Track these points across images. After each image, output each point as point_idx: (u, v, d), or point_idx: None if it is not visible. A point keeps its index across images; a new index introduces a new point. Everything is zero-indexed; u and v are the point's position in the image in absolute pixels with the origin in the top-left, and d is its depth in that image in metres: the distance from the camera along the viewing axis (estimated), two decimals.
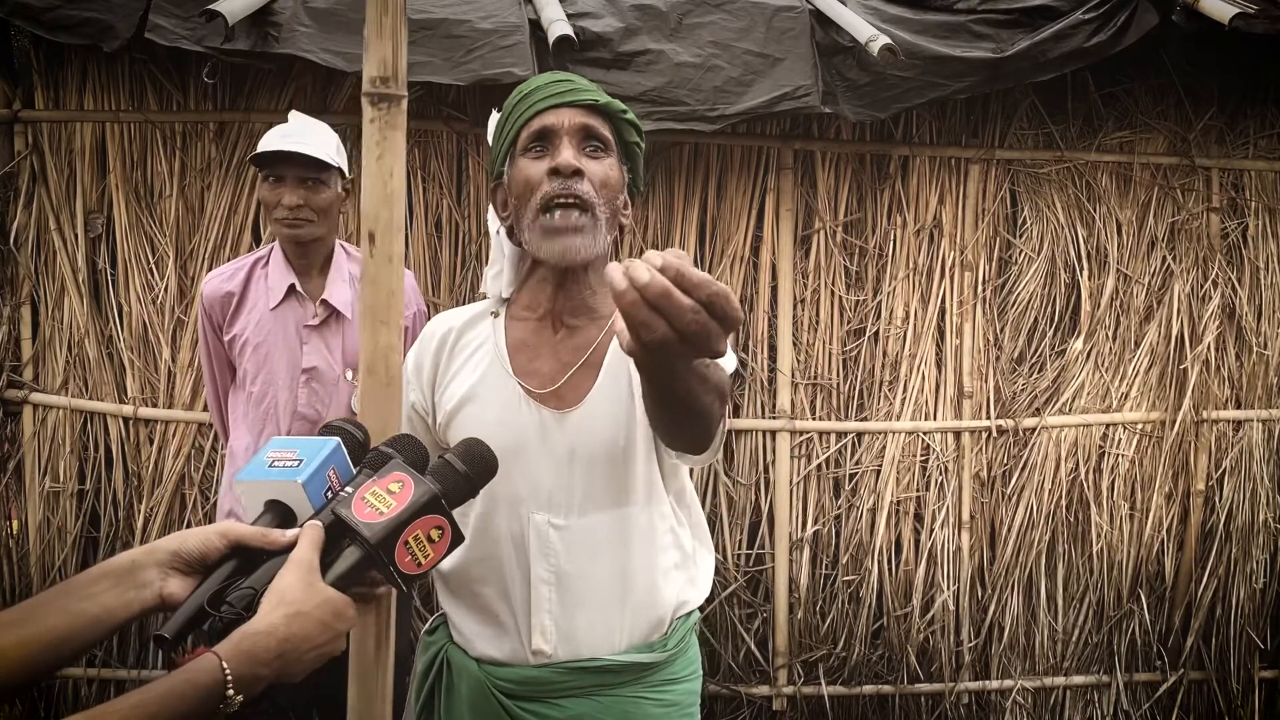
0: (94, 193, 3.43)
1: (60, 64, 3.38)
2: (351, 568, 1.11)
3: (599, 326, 1.59)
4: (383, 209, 1.43)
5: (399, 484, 1.14)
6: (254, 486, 1.20)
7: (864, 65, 3.13)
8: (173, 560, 1.10)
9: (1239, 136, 3.66)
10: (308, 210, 2.65)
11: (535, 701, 1.56)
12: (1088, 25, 3.12)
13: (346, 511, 1.12)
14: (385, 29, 1.40)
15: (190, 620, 1.06)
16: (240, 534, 1.12)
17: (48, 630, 1.01)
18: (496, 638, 1.58)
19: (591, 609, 1.55)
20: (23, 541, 3.50)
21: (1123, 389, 3.64)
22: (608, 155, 1.56)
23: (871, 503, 3.54)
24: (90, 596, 1.05)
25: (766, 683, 3.54)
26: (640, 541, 1.57)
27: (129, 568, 1.08)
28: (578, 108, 1.54)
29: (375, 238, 1.42)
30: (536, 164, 1.53)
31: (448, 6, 3.04)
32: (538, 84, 1.58)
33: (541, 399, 1.56)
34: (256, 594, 1.06)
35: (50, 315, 3.44)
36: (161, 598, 1.08)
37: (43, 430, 3.45)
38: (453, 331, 1.66)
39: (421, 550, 1.13)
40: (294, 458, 1.20)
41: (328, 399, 2.73)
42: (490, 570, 1.57)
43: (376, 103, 1.41)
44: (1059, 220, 3.59)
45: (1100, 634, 3.67)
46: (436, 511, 1.14)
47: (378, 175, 1.42)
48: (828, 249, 3.52)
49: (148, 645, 3.43)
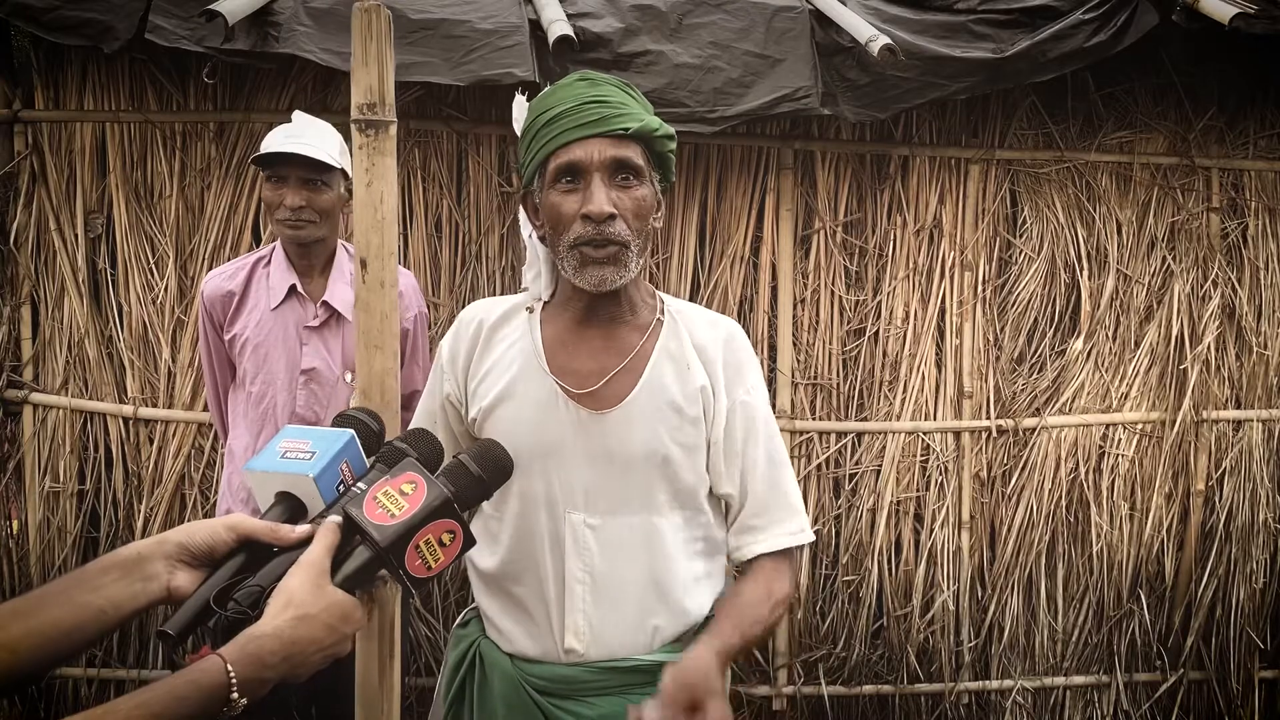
0: (94, 193, 3.42)
1: (60, 64, 3.37)
2: (360, 569, 1.10)
3: (639, 331, 1.61)
4: (374, 235, 1.42)
5: (412, 485, 1.13)
6: (265, 477, 1.19)
7: (864, 65, 3.13)
8: (180, 553, 1.09)
9: (1239, 136, 3.66)
10: (310, 211, 2.65)
11: (567, 699, 1.57)
12: (1088, 25, 3.12)
13: (358, 512, 1.11)
14: (371, 55, 1.39)
15: (196, 617, 1.06)
16: (249, 528, 1.12)
17: (56, 622, 1.01)
18: (530, 635, 1.60)
19: (624, 609, 1.57)
20: (23, 541, 3.50)
21: (1123, 389, 3.64)
22: (640, 184, 1.53)
23: (871, 503, 3.54)
24: (98, 588, 1.04)
25: (766, 683, 3.54)
26: (674, 547, 1.59)
27: (136, 560, 1.08)
28: (608, 138, 1.49)
29: (367, 263, 1.42)
30: (568, 199, 1.50)
31: (447, 6, 3.04)
32: (565, 105, 1.52)
33: (579, 399, 1.56)
34: (263, 592, 1.05)
35: (50, 315, 3.44)
36: (168, 590, 1.08)
37: (43, 430, 3.45)
38: (487, 322, 1.66)
39: (432, 554, 1.12)
40: (307, 449, 1.19)
41: (327, 400, 2.73)
42: (526, 568, 1.59)
43: (364, 129, 1.40)
44: (1059, 220, 3.59)
45: (1100, 634, 3.67)
46: (449, 515, 1.12)
47: (368, 201, 1.41)
48: (828, 249, 3.52)
49: (148, 644, 3.43)
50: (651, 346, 1.60)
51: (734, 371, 1.62)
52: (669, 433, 1.56)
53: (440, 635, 3.40)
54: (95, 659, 3.43)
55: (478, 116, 3.38)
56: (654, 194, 1.57)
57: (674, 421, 1.57)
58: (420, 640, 3.43)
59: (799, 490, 1.70)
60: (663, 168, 1.60)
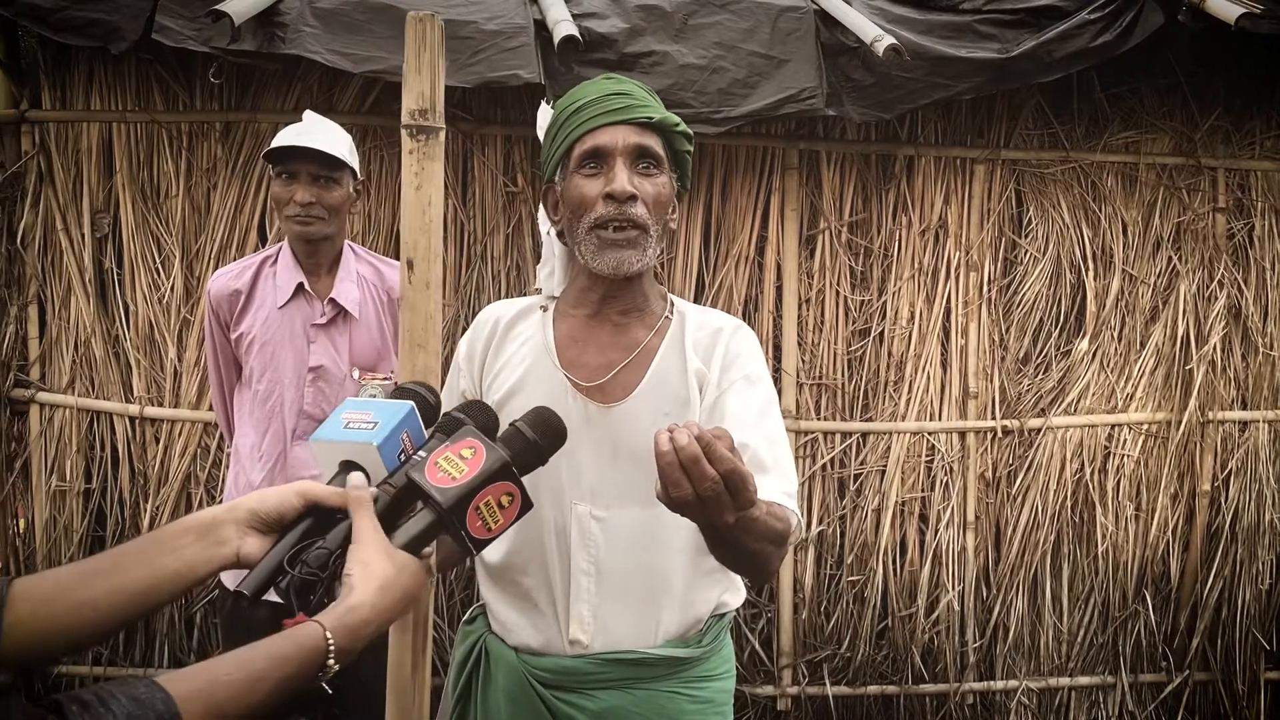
0: (100, 192, 3.44)
1: (67, 64, 3.39)
2: (423, 531, 1.15)
3: (648, 326, 1.63)
4: (420, 236, 1.47)
5: (471, 450, 1.18)
6: (329, 447, 1.23)
7: (869, 66, 3.13)
8: (251, 519, 1.13)
9: (1245, 137, 3.65)
10: (319, 208, 2.67)
11: (571, 692, 1.58)
12: (1093, 25, 3.12)
13: (420, 476, 1.15)
14: (424, 64, 1.44)
15: (269, 578, 1.09)
16: (317, 494, 1.16)
17: (134, 581, 1.05)
18: (535, 627, 1.61)
19: (629, 602, 1.58)
20: (29, 540, 3.51)
21: (1128, 389, 3.64)
22: (660, 173, 1.58)
23: (876, 503, 3.54)
24: (174, 550, 1.09)
25: (771, 683, 3.54)
26: (680, 541, 1.59)
27: (210, 524, 1.12)
28: (631, 126, 1.55)
29: (414, 264, 1.46)
30: (591, 182, 1.55)
31: (453, 7, 3.05)
32: (591, 96, 1.58)
33: (587, 392, 1.58)
34: (330, 554, 1.10)
35: (57, 315, 3.45)
36: (239, 556, 1.12)
37: (49, 429, 3.46)
38: (503, 321, 1.70)
39: (492, 515, 1.16)
40: (369, 420, 1.23)
41: (334, 397, 2.73)
42: (532, 559, 1.60)
43: (415, 134, 1.45)
44: (1064, 220, 3.59)
45: (1105, 635, 3.67)
46: (507, 478, 1.17)
47: (416, 204, 1.46)
48: (833, 249, 3.52)
49: (154, 641, 3.44)
50: (659, 342, 1.62)
51: (732, 357, 1.61)
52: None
53: (447, 633, 3.40)
54: (102, 657, 3.43)
55: (483, 117, 3.38)
56: (672, 188, 1.60)
57: (679, 415, 1.57)
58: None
59: (795, 471, 1.66)
60: (679, 168, 1.63)
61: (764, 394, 1.61)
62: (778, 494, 1.51)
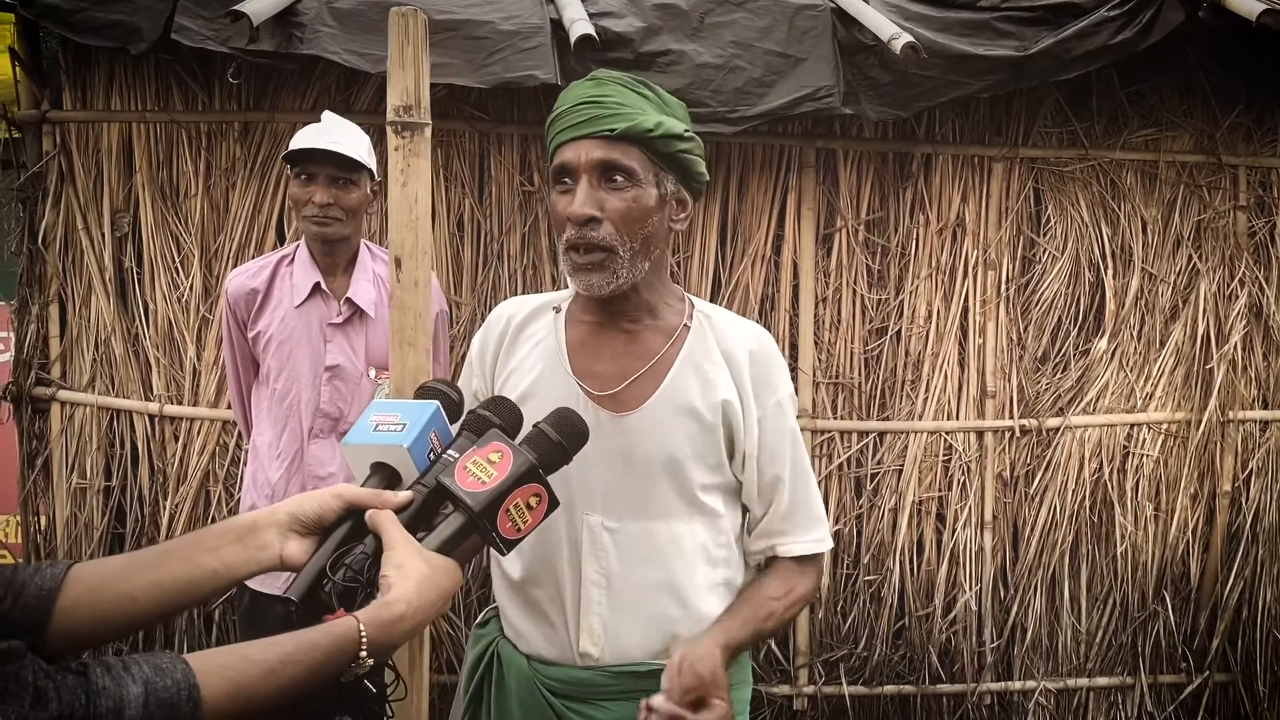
0: (120, 192, 3.46)
1: (87, 65, 3.41)
2: (455, 533, 1.19)
3: (663, 334, 1.60)
4: (408, 234, 1.46)
5: (498, 454, 1.22)
6: (361, 450, 1.27)
7: (886, 64, 3.11)
8: (291, 523, 1.16)
9: (1266, 134, 3.62)
10: (337, 209, 2.68)
11: (582, 702, 1.57)
12: (1112, 22, 3.09)
13: (450, 481, 1.20)
14: (408, 59, 1.42)
15: (313, 582, 1.13)
16: (355, 496, 1.19)
17: (175, 576, 1.09)
18: (546, 637, 1.60)
19: (639, 614, 1.56)
20: (50, 537, 3.54)
21: (1148, 389, 3.61)
22: (632, 185, 1.49)
23: (893, 502, 3.53)
24: (215, 549, 1.12)
25: (787, 682, 3.53)
26: (692, 553, 1.58)
27: (251, 528, 1.15)
28: (596, 140, 1.48)
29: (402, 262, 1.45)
30: (562, 200, 1.51)
31: (470, 7, 3.05)
32: (564, 106, 1.53)
33: (600, 401, 1.57)
34: (369, 557, 1.13)
35: (77, 313, 3.48)
36: (281, 559, 1.15)
37: (70, 427, 3.49)
38: (515, 320, 1.68)
39: (520, 516, 1.21)
40: (397, 421, 1.27)
41: (350, 397, 2.75)
42: (545, 570, 1.59)
43: (400, 131, 1.43)
44: (1083, 219, 3.56)
45: (1124, 635, 3.64)
46: (534, 480, 1.22)
47: (403, 201, 1.45)
48: (850, 247, 3.51)
49: (172, 643, 3.46)
50: (676, 352, 1.59)
51: (763, 380, 1.61)
52: (687, 439, 1.56)
53: (461, 633, 3.41)
54: (122, 651, 3.45)
55: (500, 116, 3.39)
56: (653, 200, 1.51)
57: (693, 428, 1.56)
58: (442, 637, 3.44)
59: (821, 499, 1.70)
60: (679, 168, 1.55)
61: (792, 421, 1.65)
62: (808, 543, 1.62)
